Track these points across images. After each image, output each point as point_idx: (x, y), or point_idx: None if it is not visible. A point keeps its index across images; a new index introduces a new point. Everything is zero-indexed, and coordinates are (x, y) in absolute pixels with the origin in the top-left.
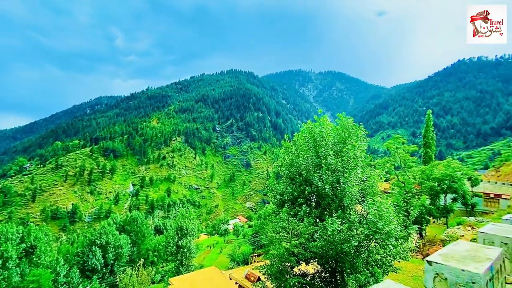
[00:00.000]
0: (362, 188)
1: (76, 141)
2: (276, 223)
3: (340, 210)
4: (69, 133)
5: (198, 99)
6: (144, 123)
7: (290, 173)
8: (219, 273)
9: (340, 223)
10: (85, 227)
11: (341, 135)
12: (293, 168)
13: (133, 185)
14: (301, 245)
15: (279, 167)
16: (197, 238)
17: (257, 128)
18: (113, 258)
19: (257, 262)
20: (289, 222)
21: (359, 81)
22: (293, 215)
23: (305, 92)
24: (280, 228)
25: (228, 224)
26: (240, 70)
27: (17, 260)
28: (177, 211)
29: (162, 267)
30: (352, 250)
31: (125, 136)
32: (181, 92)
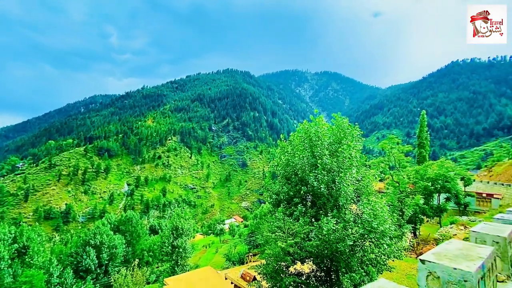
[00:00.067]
0: (357, 187)
1: (70, 140)
2: (271, 223)
3: (335, 209)
4: (62, 132)
5: (194, 98)
6: (139, 122)
7: (286, 173)
8: (215, 273)
9: (335, 222)
10: (79, 227)
11: (337, 135)
12: (289, 167)
13: (128, 184)
14: (296, 244)
15: (275, 167)
16: (193, 238)
17: (253, 128)
18: (107, 258)
19: (253, 261)
20: (284, 222)
21: (354, 82)
22: (289, 215)
23: (301, 92)
24: (275, 228)
25: (224, 224)
26: (237, 69)
27: (9, 260)
28: (173, 211)
29: (157, 267)
30: (347, 249)
31: (120, 135)
32: (177, 91)
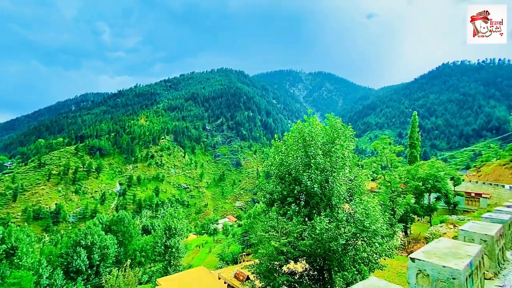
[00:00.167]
0: (350, 187)
1: (60, 139)
2: (265, 222)
3: (328, 209)
4: (52, 131)
5: (188, 97)
6: (132, 121)
7: (280, 173)
8: (208, 272)
9: (328, 221)
10: (70, 228)
11: (330, 135)
12: (283, 167)
13: (120, 184)
14: (290, 243)
15: (269, 167)
16: (186, 238)
17: (247, 128)
18: (98, 259)
19: (247, 261)
20: (278, 221)
21: (348, 82)
22: (282, 214)
23: (295, 92)
24: (269, 227)
25: (218, 224)
26: (231, 69)
27: None
28: (166, 211)
29: (149, 268)
30: (339, 248)
31: (112, 134)
32: (171, 90)
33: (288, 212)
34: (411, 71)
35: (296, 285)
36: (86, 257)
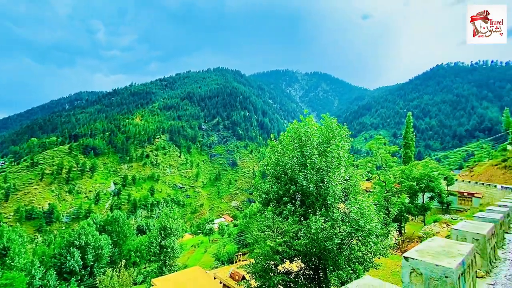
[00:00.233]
0: (345, 187)
1: (54, 137)
2: (261, 222)
3: (324, 208)
4: (46, 130)
5: (184, 96)
6: (127, 120)
7: (276, 172)
8: (203, 272)
9: (324, 221)
10: (63, 228)
11: (326, 135)
12: (279, 167)
13: (115, 184)
14: (285, 243)
15: (265, 166)
16: (181, 237)
17: (243, 127)
18: (92, 259)
19: (242, 261)
20: (274, 221)
21: (344, 83)
22: (278, 214)
23: (291, 92)
24: (265, 227)
25: (213, 224)
26: (227, 68)
27: None
28: (161, 211)
29: (144, 268)
30: (334, 248)
31: (107, 133)
32: (166, 89)
33: (284, 212)
34: (406, 72)
35: (292, 285)
36: (80, 257)
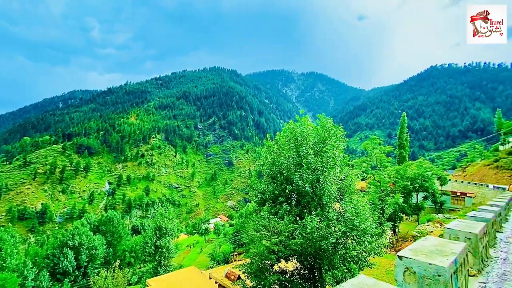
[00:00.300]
0: (340, 186)
1: (47, 137)
2: (257, 222)
3: (319, 208)
4: (39, 128)
5: (180, 95)
6: (122, 119)
7: (272, 172)
8: (199, 272)
9: (319, 220)
10: (56, 228)
11: (321, 135)
12: (275, 167)
13: (109, 183)
14: (281, 243)
15: (261, 166)
16: (177, 238)
17: (239, 127)
18: (86, 260)
19: (238, 260)
20: (269, 221)
21: (339, 83)
22: (274, 214)
23: (287, 92)
24: (260, 227)
25: (209, 223)
26: (223, 67)
27: None
28: (156, 211)
29: (139, 268)
30: (330, 247)
31: (101, 132)
32: (162, 88)
33: (280, 212)
34: (401, 73)
35: (287, 284)
36: (73, 258)
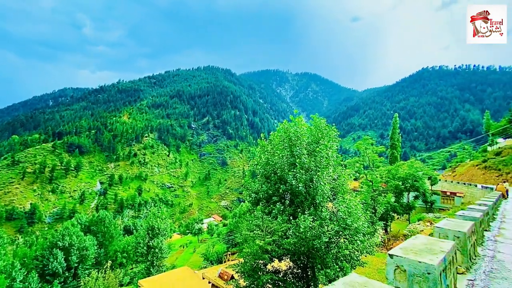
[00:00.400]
0: (333, 186)
1: (36, 135)
2: (250, 221)
3: (313, 207)
4: (28, 127)
5: (173, 94)
6: (114, 118)
7: (266, 172)
8: (192, 273)
9: (312, 220)
10: (46, 229)
11: (315, 135)
12: (269, 166)
13: (101, 183)
14: (274, 242)
15: (255, 166)
16: (170, 238)
17: (234, 126)
18: (77, 261)
19: (231, 260)
20: (263, 220)
21: (333, 84)
22: (268, 213)
23: (282, 92)
24: (254, 226)
25: (203, 223)
26: (218, 67)
27: None
28: (149, 211)
29: (131, 269)
30: (322, 246)
31: (93, 131)
32: (155, 87)
33: (273, 211)
34: (393, 74)
35: (280, 283)
36: (63, 259)
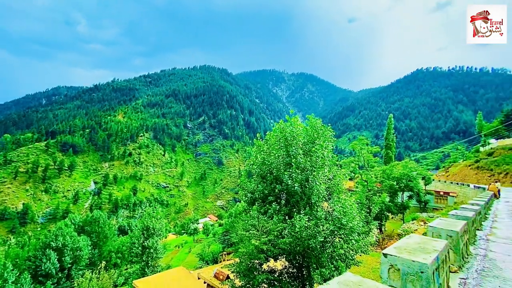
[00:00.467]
0: (328, 186)
1: (29, 134)
2: (246, 221)
3: (308, 207)
4: (20, 126)
5: (169, 93)
6: (109, 117)
7: (262, 172)
8: (187, 273)
9: (308, 219)
10: (38, 229)
11: (311, 135)
12: (265, 166)
13: (95, 183)
14: (270, 242)
15: (251, 166)
16: (165, 238)
17: (230, 126)
18: (70, 261)
19: (227, 260)
20: (259, 220)
21: (329, 84)
22: (263, 213)
23: (278, 92)
24: (250, 226)
25: (198, 223)
26: (214, 66)
27: None
28: (144, 211)
29: (126, 269)
30: (318, 246)
31: (87, 130)
32: (150, 86)
33: (269, 211)
34: (389, 75)
35: (276, 283)
36: (56, 259)
